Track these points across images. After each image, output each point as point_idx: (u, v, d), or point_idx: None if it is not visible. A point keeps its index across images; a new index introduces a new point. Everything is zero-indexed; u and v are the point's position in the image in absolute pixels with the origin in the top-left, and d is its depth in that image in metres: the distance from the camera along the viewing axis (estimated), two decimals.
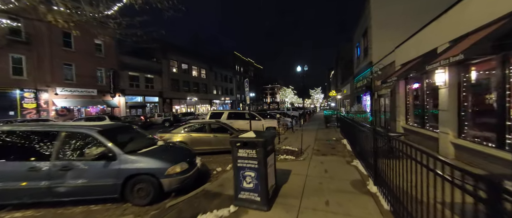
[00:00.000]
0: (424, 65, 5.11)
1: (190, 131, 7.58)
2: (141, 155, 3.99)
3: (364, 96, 16.69)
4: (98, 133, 3.94)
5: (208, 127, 7.68)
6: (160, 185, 3.83)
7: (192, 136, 7.39)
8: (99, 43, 22.90)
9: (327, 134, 10.97)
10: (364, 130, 4.80)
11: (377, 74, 11.07)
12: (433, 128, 6.46)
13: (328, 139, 9.46)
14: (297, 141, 8.51)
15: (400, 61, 8.53)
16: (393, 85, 9.47)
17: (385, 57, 10.35)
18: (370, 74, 13.55)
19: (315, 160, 5.89)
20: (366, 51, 15.24)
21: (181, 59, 35.64)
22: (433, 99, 6.54)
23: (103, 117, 15.40)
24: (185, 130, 7.57)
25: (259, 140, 3.16)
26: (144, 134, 5.36)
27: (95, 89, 22.01)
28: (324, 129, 13.55)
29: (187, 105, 37.09)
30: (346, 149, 7.19)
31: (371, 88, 13.53)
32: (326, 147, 7.71)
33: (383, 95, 11.44)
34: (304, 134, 11.04)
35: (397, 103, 8.94)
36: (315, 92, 72.83)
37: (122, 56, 25.21)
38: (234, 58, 57.60)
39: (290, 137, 10.24)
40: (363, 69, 15.89)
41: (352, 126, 6.62)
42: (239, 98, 58.36)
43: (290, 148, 7.41)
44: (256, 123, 10.72)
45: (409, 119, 8.40)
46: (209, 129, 7.67)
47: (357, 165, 5.22)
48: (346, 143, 8.04)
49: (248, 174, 3.26)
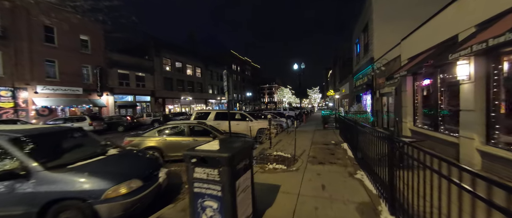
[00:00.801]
0: (446, 54, 4.09)
1: (165, 134, 6.50)
2: (71, 172, 2.90)
3: (364, 95, 15.72)
4: (8, 142, 2.86)
5: (187, 130, 6.61)
6: (95, 214, 2.76)
7: (167, 140, 6.31)
8: (85, 39, 21.71)
9: (325, 136, 9.95)
10: (370, 134, 3.80)
11: (379, 70, 10.08)
12: (451, 132, 5.46)
13: (326, 142, 8.44)
14: (291, 144, 7.47)
15: (408, 54, 7.54)
16: (398, 82, 8.48)
17: (389, 52, 9.37)
18: (371, 71, 12.57)
19: (311, 171, 4.86)
20: (366, 47, 14.27)
21: (174, 57, 34.45)
22: (451, 97, 5.55)
23: (84, 117, 14.25)
24: (160, 132, 6.49)
25: (223, 155, 2.11)
26: (95, 140, 4.28)
27: (80, 87, 20.79)
28: (322, 130, 12.54)
29: (181, 105, 35.93)
30: (347, 155, 6.17)
31: (372, 86, 12.55)
32: (324, 152, 6.69)
33: (386, 94, 10.46)
34: (300, 136, 10.02)
35: (404, 103, 7.95)
36: (313, 92, 71.96)
37: (110, 53, 24.01)
38: (231, 57, 56.49)
39: (284, 140, 9.21)
40: (363, 66, 14.91)
41: (354, 128, 5.61)
42: (236, 98, 57.24)
43: (282, 153, 6.37)
44: (246, 125, 9.67)
45: (417, 120, 7.41)
46: (188, 131, 6.60)
47: (362, 179, 4.20)
48: (346, 148, 7.03)
49: (208, 205, 2.21)
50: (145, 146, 6.08)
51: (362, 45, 15.43)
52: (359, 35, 16.20)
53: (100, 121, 15.10)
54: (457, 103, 5.05)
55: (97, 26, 22.56)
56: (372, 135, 4.01)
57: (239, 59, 60.67)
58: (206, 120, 9.72)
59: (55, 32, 19.14)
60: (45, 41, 18.50)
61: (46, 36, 18.63)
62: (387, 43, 11.04)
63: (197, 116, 10.10)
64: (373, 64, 12.42)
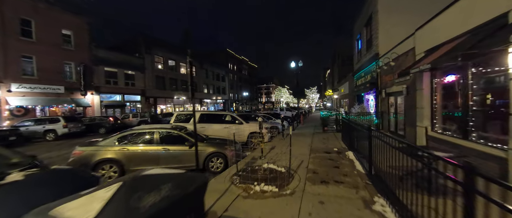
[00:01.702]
0: (503, 37, 2.87)
1: (127, 141, 5.21)
2: None
3: (366, 95, 14.56)
4: None
5: (156, 136, 5.33)
6: None
7: (130, 151, 5.03)
8: (68, 34, 20.22)
9: (325, 141, 8.74)
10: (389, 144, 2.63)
11: (388, 66, 8.89)
12: (490, 141, 4.25)
13: (327, 149, 7.21)
14: (286, 153, 6.23)
15: (425, 46, 6.34)
16: (411, 79, 7.29)
17: (399, 45, 8.17)
18: (376, 68, 11.39)
19: (311, 196, 3.61)
20: (369, 43, 13.09)
21: (167, 55, 33.03)
22: (491, 96, 4.34)
23: (58, 118, 12.85)
24: (121, 140, 5.19)
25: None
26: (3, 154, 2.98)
27: (61, 86, 19.31)
28: (321, 134, 11.33)
29: (175, 105, 34.53)
30: (356, 169, 4.94)
31: (377, 85, 11.37)
32: (326, 164, 5.46)
33: (393, 94, 9.27)
34: (297, 141, 8.78)
35: (419, 104, 6.75)
36: (310, 92, 70.92)
37: (96, 50, 22.54)
38: (227, 56, 55.08)
39: (278, 146, 7.96)
40: (365, 64, 13.74)
41: (364, 134, 4.39)
42: (232, 98, 55.91)
43: (274, 166, 5.12)
44: (235, 128, 8.39)
45: (436, 125, 6.21)
46: (158, 139, 5.32)
47: (384, 213, 2.96)
48: (353, 158, 5.80)
49: None
50: (100, 157, 4.78)
51: (364, 41, 14.26)
52: (361, 30, 15.02)
53: (77, 122, 13.70)
54: (502, 104, 3.85)
55: (82, 20, 21.17)
56: (391, 145, 2.84)
57: (235, 58, 59.31)
58: (188, 123, 8.42)
59: (33, 25, 17.68)
60: (21, 35, 17.01)
61: (23, 30, 17.14)
62: (394, 36, 9.88)
63: (177, 119, 8.77)
64: (377, 60, 11.24)
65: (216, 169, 5.57)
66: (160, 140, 5.29)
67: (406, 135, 7.97)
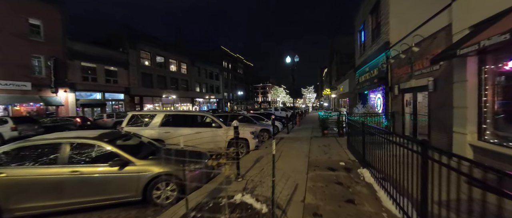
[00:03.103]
0: None
1: (13, 161, 3.22)
2: None
3: (371, 92, 12.73)
4: None
5: (64, 151, 3.35)
6: None
7: (10, 177, 3.04)
8: (37, 24, 17.99)
9: (326, 150, 6.85)
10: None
11: (405, 55, 7.04)
12: None
13: (331, 165, 5.31)
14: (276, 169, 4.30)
15: (470, 20, 4.49)
16: (443, 69, 5.45)
17: (425, 24, 6.27)
18: (385, 60, 9.56)
19: None
20: (376, 32, 11.26)
21: (155, 50, 30.84)
22: None
23: (5, 119, 10.71)
24: (3, 158, 3.20)
25: None
26: None
27: (28, 82, 17.10)
28: (321, 139, 9.46)
29: (163, 104, 32.38)
30: (383, 206, 3.04)
31: (387, 80, 9.53)
32: (333, 193, 3.55)
33: (411, 90, 7.41)
34: (291, 150, 6.86)
35: (457, 101, 4.90)
36: (307, 91, 69.19)
37: (72, 42, 20.34)
38: (221, 54, 52.99)
39: (265, 158, 6.04)
40: (371, 57, 11.91)
41: (401, 150, 2.52)
42: (226, 97, 53.86)
43: (251, 200, 3.21)
44: (211, 134, 6.42)
45: (487, 131, 4.36)
46: (67, 155, 3.34)
47: None
48: (371, 181, 3.91)
49: None
50: None
51: (369, 31, 12.42)
52: (365, 19, 13.19)
53: (33, 123, 11.57)
54: None
55: (54, 8, 18.94)
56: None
57: (230, 56, 57.26)
58: (148, 126, 6.42)
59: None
60: None
61: None
62: (409, 21, 8.06)
63: (131, 122, 6.69)
64: (387, 51, 9.41)
65: (164, 200, 3.63)
66: (68, 158, 3.31)
67: (431, 142, 6.12)
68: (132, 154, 3.65)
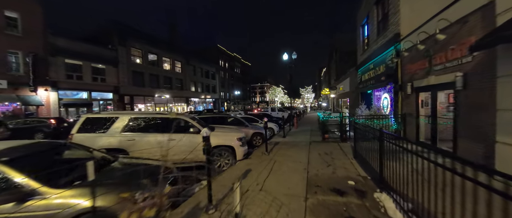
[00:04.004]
0: None
1: None
2: None
3: (376, 92, 11.58)
4: None
5: None
6: None
7: None
8: (14, 17, 16.61)
9: (329, 160, 5.66)
10: None
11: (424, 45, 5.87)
12: None
13: (338, 185, 4.12)
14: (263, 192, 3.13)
15: None
16: (478, 61, 4.28)
17: (452, 5, 5.07)
18: (394, 55, 8.40)
19: None
20: (384, 23, 10.12)
21: (147, 48, 29.49)
22: None
23: None
24: None
25: None
26: None
27: (3, 80, 15.73)
28: (321, 145, 8.28)
29: (156, 104, 31.04)
30: None
31: (397, 77, 8.37)
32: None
33: (429, 88, 6.24)
34: (287, 161, 5.62)
35: (502, 103, 3.73)
36: (305, 91, 68.12)
37: (54, 38, 18.98)
38: (218, 52, 51.68)
39: (255, 169, 4.83)
40: (377, 52, 10.76)
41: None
42: (223, 97, 52.57)
43: None
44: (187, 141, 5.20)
45: None
46: None
47: None
48: (399, 217, 2.72)
49: None
50: None
51: (375, 24, 11.27)
52: (368, 12, 12.04)
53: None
54: None
55: (33, 1, 17.57)
56: None
57: (227, 55, 55.98)
58: (106, 133, 5.17)
59: None
60: None
61: None
62: (422, 8, 6.93)
63: (85, 127, 5.42)
64: (397, 44, 8.26)
65: None
66: None
67: (459, 151, 4.96)
68: (45, 180, 2.42)
